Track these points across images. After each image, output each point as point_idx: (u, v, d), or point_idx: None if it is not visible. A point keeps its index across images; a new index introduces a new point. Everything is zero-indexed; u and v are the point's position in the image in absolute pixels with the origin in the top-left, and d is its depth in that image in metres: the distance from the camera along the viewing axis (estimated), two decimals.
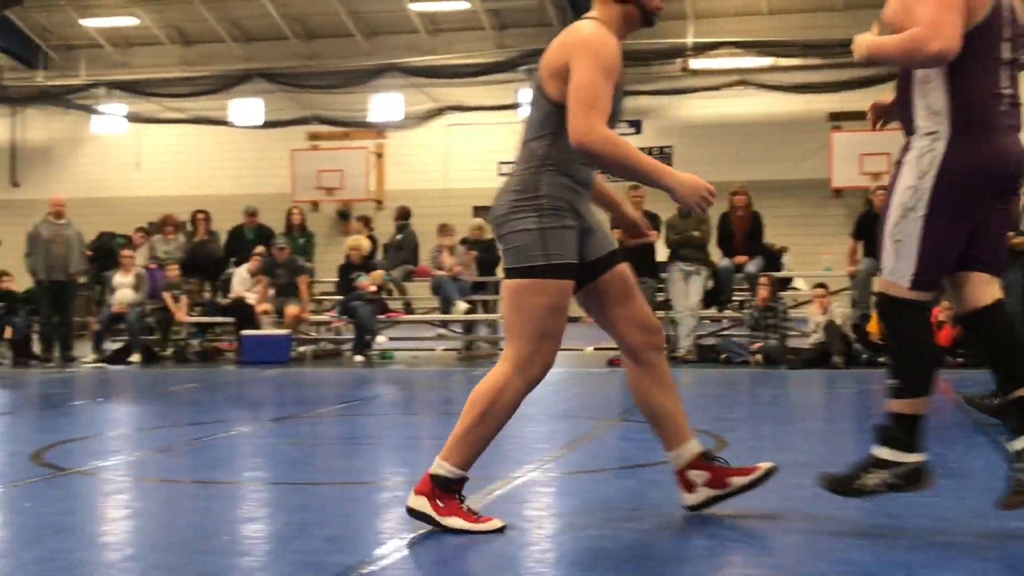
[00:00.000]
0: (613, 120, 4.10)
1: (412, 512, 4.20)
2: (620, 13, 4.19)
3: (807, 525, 4.30)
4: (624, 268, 4.35)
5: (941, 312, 11.46)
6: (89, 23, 27.22)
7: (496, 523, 4.19)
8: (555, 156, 4.12)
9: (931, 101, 3.95)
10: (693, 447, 4.39)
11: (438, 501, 4.15)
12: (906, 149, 4.03)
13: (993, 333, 4.01)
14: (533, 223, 4.08)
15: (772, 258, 14.04)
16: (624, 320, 4.31)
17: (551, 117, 4.11)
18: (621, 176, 4.11)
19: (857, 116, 24.96)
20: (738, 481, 4.40)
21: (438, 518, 4.14)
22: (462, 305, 14.56)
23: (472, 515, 4.20)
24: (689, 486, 4.41)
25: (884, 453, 4.04)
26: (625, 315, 4.31)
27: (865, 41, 3.99)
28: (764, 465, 4.44)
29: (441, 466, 4.18)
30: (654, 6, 4.22)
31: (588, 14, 4.20)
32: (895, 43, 3.87)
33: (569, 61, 4.02)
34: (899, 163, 4.04)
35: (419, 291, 16.82)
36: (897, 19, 3.96)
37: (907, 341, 4.02)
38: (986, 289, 4.03)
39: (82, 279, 16.08)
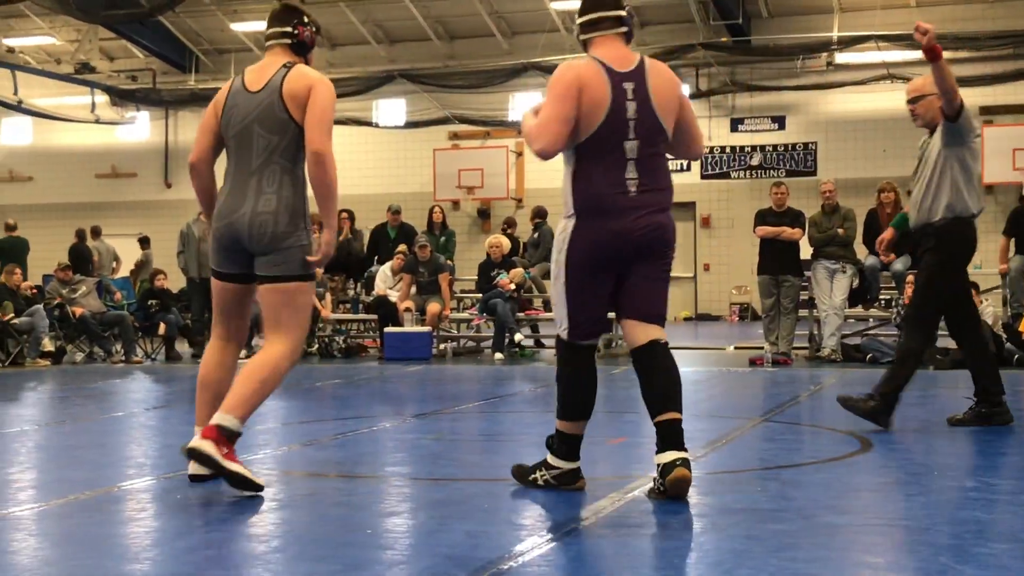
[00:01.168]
0: None
1: (196, 453, 4.83)
2: (308, 61, 5.34)
3: (952, 529, 4.22)
4: None
5: None
6: (238, 27, 27.93)
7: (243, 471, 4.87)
8: (303, 176, 5.12)
9: (568, 191, 4.75)
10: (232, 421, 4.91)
11: (223, 448, 4.81)
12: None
13: (647, 367, 4.77)
14: (305, 239, 5.11)
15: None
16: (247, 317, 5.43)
17: (298, 139, 5.07)
18: (319, 194, 5.05)
19: (1009, 110, 24.23)
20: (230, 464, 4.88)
21: (223, 462, 4.78)
22: None
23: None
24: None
25: (551, 459, 4.90)
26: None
27: (524, 112, 4.90)
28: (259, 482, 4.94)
29: (228, 419, 4.85)
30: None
31: (295, 62, 5.27)
32: (527, 127, 4.77)
33: (311, 91, 5.04)
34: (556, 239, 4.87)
35: None
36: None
37: (566, 374, 4.86)
38: (639, 332, 4.80)
39: None
